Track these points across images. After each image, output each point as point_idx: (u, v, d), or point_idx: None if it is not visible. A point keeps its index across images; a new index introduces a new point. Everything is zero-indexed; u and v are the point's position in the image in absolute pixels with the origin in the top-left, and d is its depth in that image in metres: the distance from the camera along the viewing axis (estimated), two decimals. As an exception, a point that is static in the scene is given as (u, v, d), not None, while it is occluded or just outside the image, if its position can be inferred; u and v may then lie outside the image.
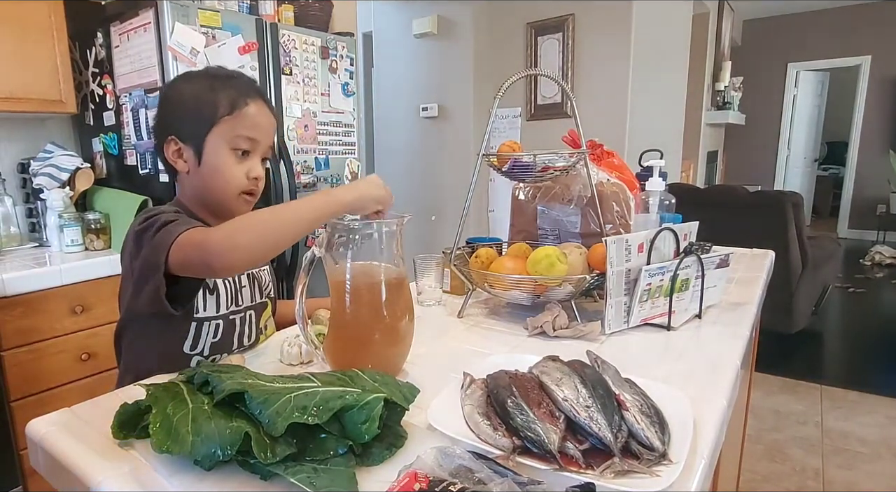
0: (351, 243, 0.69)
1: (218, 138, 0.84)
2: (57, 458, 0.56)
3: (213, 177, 0.85)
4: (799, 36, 6.42)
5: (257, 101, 0.86)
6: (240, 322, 0.90)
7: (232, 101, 0.83)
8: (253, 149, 0.86)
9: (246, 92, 0.85)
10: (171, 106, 0.87)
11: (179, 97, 0.86)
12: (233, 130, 0.83)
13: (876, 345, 3.19)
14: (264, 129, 0.87)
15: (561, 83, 1.11)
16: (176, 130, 0.85)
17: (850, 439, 2.14)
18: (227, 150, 0.84)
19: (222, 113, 0.83)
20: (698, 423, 0.58)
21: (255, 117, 0.85)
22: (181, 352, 0.85)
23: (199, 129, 0.83)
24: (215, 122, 0.83)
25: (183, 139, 0.85)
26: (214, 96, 0.83)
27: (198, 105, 0.84)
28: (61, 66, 1.77)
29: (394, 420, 0.56)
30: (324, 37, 2.11)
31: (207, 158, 0.84)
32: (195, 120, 0.84)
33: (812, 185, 7.24)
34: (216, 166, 0.84)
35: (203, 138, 0.84)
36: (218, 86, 0.84)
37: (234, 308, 0.89)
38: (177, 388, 0.55)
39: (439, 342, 0.88)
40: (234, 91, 0.84)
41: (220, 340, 0.87)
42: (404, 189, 3.54)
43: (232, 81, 0.86)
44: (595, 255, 0.95)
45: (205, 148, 0.84)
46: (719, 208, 2.92)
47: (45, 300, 1.50)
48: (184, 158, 0.86)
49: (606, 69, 2.90)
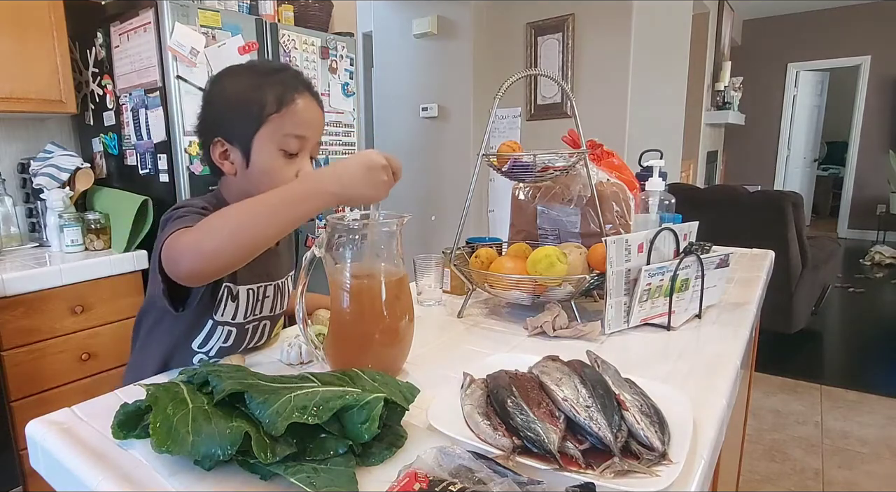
0: (351, 243, 0.69)
1: (266, 138, 0.79)
2: (57, 458, 0.56)
3: (261, 180, 0.79)
4: (799, 36, 6.42)
5: (305, 96, 0.81)
6: (252, 330, 0.89)
7: (279, 98, 0.78)
8: (302, 147, 0.81)
9: (293, 86, 0.80)
10: (216, 105, 0.83)
11: (224, 96, 0.82)
12: (281, 129, 0.79)
13: (876, 345, 3.19)
14: (313, 125, 0.82)
15: (561, 83, 1.11)
16: (222, 130, 0.81)
17: (849, 439, 2.14)
18: (275, 150, 0.80)
19: (269, 111, 0.78)
20: (698, 423, 0.58)
21: (304, 113, 0.80)
22: (189, 347, 0.84)
23: (246, 129, 0.79)
24: (263, 121, 0.78)
25: (229, 140, 0.81)
26: (260, 94, 0.78)
27: (243, 104, 0.79)
28: (61, 67, 1.77)
29: (394, 420, 0.56)
30: (324, 37, 2.11)
31: (255, 159, 0.80)
32: (241, 120, 0.79)
33: (812, 185, 7.25)
34: (265, 169, 0.80)
35: (250, 139, 0.79)
36: (263, 82, 0.79)
37: (252, 318, 0.87)
38: (177, 388, 0.54)
39: (439, 342, 0.88)
40: (280, 86, 0.79)
41: (230, 345, 0.86)
42: (404, 189, 3.54)
43: (278, 75, 0.81)
44: (595, 255, 0.95)
45: (252, 149, 0.80)
46: (719, 208, 2.92)
47: (45, 300, 1.50)
48: (230, 159, 0.82)
49: (606, 69, 2.90)
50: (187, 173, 1.71)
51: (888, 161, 5.99)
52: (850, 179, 6.46)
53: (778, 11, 6.33)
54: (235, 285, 0.84)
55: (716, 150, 5.74)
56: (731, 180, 6.51)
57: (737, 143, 6.63)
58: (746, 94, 6.04)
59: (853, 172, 6.42)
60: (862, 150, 6.32)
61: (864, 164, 6.32)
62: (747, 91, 6.08)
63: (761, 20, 6.54)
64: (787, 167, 6.85)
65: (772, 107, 6.70)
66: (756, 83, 6.52)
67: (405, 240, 0.73)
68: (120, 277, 1.66)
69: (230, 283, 0.83)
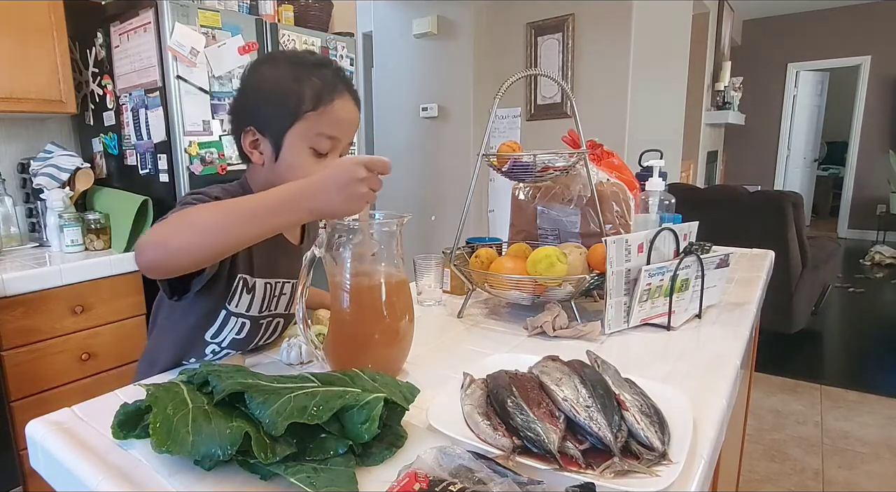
0: (351, 243, 0.69)
1: (298, 135, 0.78)
2: (57, 458, 0.56)
3: (287, 175, 0.77)
4: (799, 36, 6.42)
5: (343, 96, 0.79)
6: (265, 326, 0.88)
7: (317, 95, 0.77)
8: (333, 148, 0.80)
9: (333, 84, 0.78)
10: (252, 93, 0.81)
11: (261, 85, 0.80)
12: (315, 128, 0.78)
13: (876, 345, 3.19)
14: (347, 126, 0.81)
15: (561, 83, 1.11)
16: (255, 120, 0.80)
17: (849, 439, 2.14)
18: (306, 148, 0.78)
19: (306, 108, 0.76)
20: (698, 423, 0.58)
21: (340, 113, 0.79)
22: (202, 337, 0.84)
23: (280, 123, 0.78)
24: (298, 117, 0.77)
25: (262, 131, 0.80)
26: (299, 88, 0.76)
27: (280, 96, 0.77)
28: (61, 67, 1.77)
29: (394, 420, 0.56)
30: (324, 37, 2.11)
31: (285, 154, 0.79)
32: (276, 113, 0.78)
33: (812, 185, 7.25)
34: (293, 165, 0.79)
35: (283, 134, 0.78)
36: (303, 75, 0.77)
37: (267, 313, 0.87)
38: (177, 388, 0.54)
39: (439, 342, 0.88)
40: (320, 83, 0.77)
41: (244, 337, 0.86)
42: (404, 189, 3.54)
43: (319, 71, 0.79)
44: (595, 255, 0.95)
45: (284, 144, 0.78)
46: (719, 208, 2.92)
47: (45, 300, 1.50)
48: (260, 150, 0.81)
49: (606, 69, 2.90)
50: (187, 173, 1.71)
51: (888, 161, 5.99)
52: (850, 179, 6.46)
53: (778, 11, 6.34)
54: (252, 277, 0.84)
55: (716, 150, 5.74)
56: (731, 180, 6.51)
57: (737, 143, 6.63)
58: (746, 94, 6.04)
59: (853, 172, 6.42)
60: (862, 150, 6.32)
61: (864, 164, 6.32)
62: (747, 91, 6.08)
63: (761, 20, 6.54)
64: (787, 167, 6.85)
65: (772, 107, 6.70)
66: (756, 83, 6.52)
67: (405, 240, 0.73)
68: (120, 277, 1.66)
69: (246, 274, 0.83)
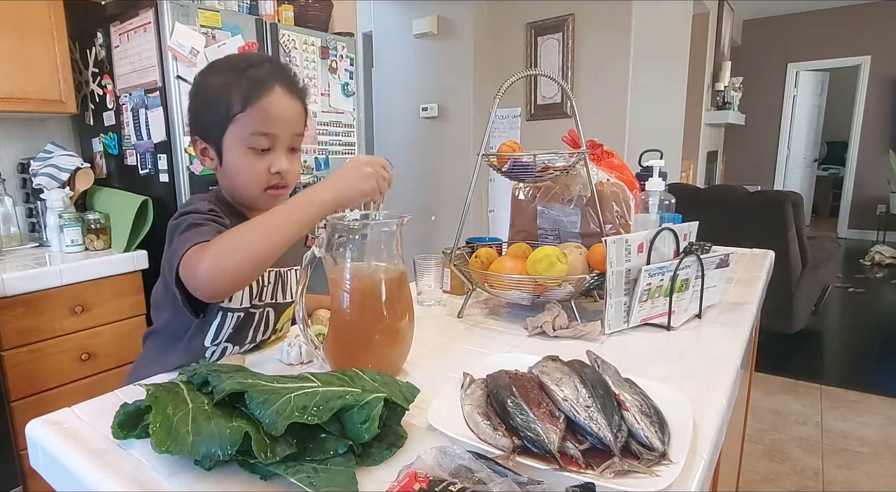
0: (351, 243, 0.69)
1: (234, 138, 0.80)
2: (57, 458, 0.56)
3: (234, 177, 0.82)
4: (799, 36, 6.42)
5: (273, 91, 0.80)
6: (258, 317, 0.89)
7: (244, 97, 0.78)
8: (273, 143, 0.81)
9: (262, 82, 0.79)
10: (194, 104, 0.84)
11: (199, 94, 0.83)
12: (247, 129, 0.79)
13: (876, 345, 3.19)
14: (282, 120, 0.81)
15: (561, 83, 1.11)
16: (198, 129, 0.83)
17: (849, 439, 2.14)
18: (244, 149, 0.80)
19: (235, 111, 0.78)
20: (698, 423, 0.58)
21: (271, 110, 0.79)
22: (202, 345, 0.84)
23: (217, 129, 0.80)
24: (229, 121, 0.79)
25: (205, 139, 0.83)
26: (228, 93, 0.78)
27: (212, 104, 0.80)
28: (61, 66, 1.77)
29: (394, 420, 0.56)
30: (324, 37, 2.11)
31: (227, 158, 0.81)
32: (212, 120, 0.80)
33: (812, 185, 7.24)
34: (236, 167, 0.81)
35: (220, 139, 0.81)
36: (233, 80, 0.79)
37: (256, 303, 0.88)
38: (177, 388, 0.54)
39: (439, 342, 0.88)
40: (247, 83, 0.78)
41: (237, 332, 0.86)
42: (404, 189, 3.54)
43: (249, 71, 0.80)
44: (595, 255, 0.95)
45: (224, 148, 0.81)
46: (719, 208, 2.92)
47: (45, 300, 1.50)
48: (209, 156, 0.84)
49: (606, 69, 2.90)
50: (187, 173, 1.71)
51: (888, 161, 5.99)
52: (850, 179, 6.46)
53: (778, 11, 6.33)
54: None
55: (716, 150, 5.74)
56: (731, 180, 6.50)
57: (737, 143, 6.63)
58: (746, 94, 6.03)
59: (853, 172, 6.42)
60: (862, 150, 6.32)
61: (864, 164, 6.32)
62: (747, 91, 6.07)
63: (761, 20, 6.54)
64: (787, 167, 6.85)
65: (772, 107, 6.70)
66: (756, 83, 6.52)
67: (405, 240, 0.74)
68: (120, 277, 1.66)
69: None
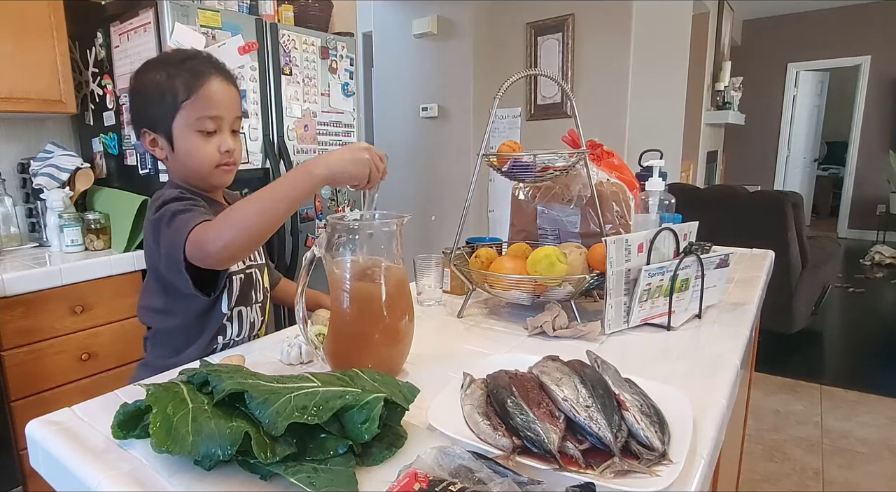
0: (351, 243, 0.69)
1: (183, 124, 0.87)
2: (57, 458, 0.56)
3: (187, 159, 0.90)
4: (799, 36, 6.42)
5: (213, 79, 0.88)
6: (255, 277, 0.99)
7: (187, 85, 0.86)
8: (218, 125, 0.90)
9: (200, 71, 0.87)
10: (138, 98, 0.91)
11: (143, 89, 0.90)
12: (195, 113, 0.87)
13: (876, 345, 3.19)
14: (225, 103, 0.90)
15: (561, 83, 1.11)
16: (146, 122, 0.90)
17: (849, 439, 2.14)
18: (193, 133, 0.88)
19: (181, 99, 0.86)
20: (698, 423, 0.58)
21: (214, 96, 0.88)
22: (219, 310, 0.92)
23: (165, 118, 0.87)
24: (177, 109, 0.86)
25: (154, 129, 0.90)
26: (172, 83, 0.86)
27: (158, 95, 0.87)
28: (61, 66, 1.77)
29: (394, 420, 0.56)
30: (324, 37, 2.11)
31: (178, 143, 0.89)
32: (160, 110, 0.87)
33: (812, 185, 7.24)
34: (188, 150, 0.89)
35: (170, 126, 0.88)
36: (173, 72, 0.87)
37: (249, 263, 0.97)
38: (177, 388, 0.54)
39: (439, 342, 0.88)
40: (188, 74, 0.87)
41: (243, 294, 0.95)
42: (404, 189, 3.54)
43: (187, 64, 0.88)
44: (595, 255, 0.95)
45: (174, 135, 0.88)
46: (719, 208, 2.92)
47: (45, 300, 1.50)
48: (159, 146, 0.91)
49: (606, 69, 2.90)
50: (187, 173, 1.71)
51: (888, 161, 5.99)
52: (850, 179, 6.45)
53: (778, 11, 6.33)
54: None
55: (716, 150, 5.74)
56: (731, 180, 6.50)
57: (737, 143, 6.63)
58: (746, 94, 6.03)
59: (853, 172, 6.42)
60: (862, 150, 6.32)
61: (864, 164, 6.32)
62: (747, 91, 6.07)
63: (761, 20, 6.54)
64: (787, 167, 6.85)
65: (772, 107, 6.70)
66: (756, 83, 6.52)
67: (405, 240, 0.74)
68: (120, 277, 1.66)
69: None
